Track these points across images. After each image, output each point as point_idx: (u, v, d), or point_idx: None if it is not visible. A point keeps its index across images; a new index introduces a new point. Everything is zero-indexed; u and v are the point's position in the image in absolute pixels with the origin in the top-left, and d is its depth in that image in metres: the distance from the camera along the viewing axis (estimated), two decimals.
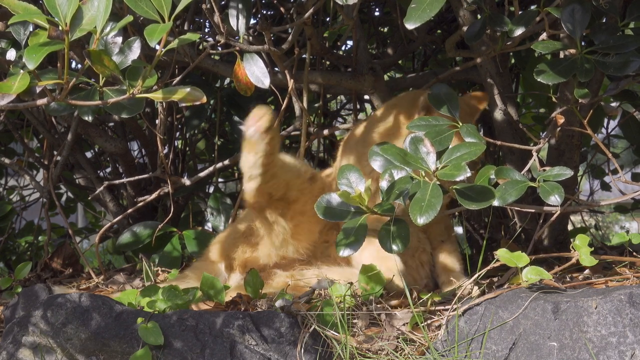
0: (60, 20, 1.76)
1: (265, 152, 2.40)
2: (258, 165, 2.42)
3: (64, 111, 2.55)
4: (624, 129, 3.40)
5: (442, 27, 3.65)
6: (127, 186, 3.57)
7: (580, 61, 2.34)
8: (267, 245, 2.54)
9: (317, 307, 2.18)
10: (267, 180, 2.45)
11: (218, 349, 2.07)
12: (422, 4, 2.21)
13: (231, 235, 2.64)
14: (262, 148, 2.39)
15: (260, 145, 2.39)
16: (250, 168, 2.43)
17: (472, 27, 2.50)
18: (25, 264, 2.97)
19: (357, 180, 2.24)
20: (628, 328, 1.94)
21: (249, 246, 2.55)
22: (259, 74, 2.60)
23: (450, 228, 2.74)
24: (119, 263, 4.16)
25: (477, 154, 2.15)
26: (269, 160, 2.42)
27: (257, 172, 2.43)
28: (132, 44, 2.09)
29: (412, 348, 2.14)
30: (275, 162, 2.45)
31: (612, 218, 7.91)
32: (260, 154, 2.40)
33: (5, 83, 1.79)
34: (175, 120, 3.50)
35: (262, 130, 2.37)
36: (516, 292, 2.11)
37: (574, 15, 2.33)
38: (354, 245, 2.18)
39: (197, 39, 1.98)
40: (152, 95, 1.91)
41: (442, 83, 2.69)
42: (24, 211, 4.22)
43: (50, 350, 2.13)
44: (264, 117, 2.37)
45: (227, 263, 2.62)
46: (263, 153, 2.40)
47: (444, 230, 2.67)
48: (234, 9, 2.65)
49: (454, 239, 2.73)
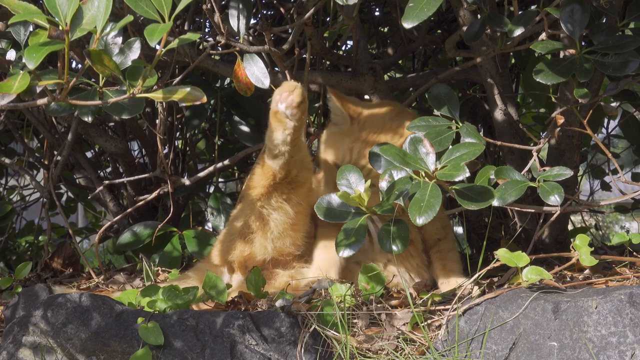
0: (60, 20, 1.76)
1: (295, 129, 2.34)
2: (288, 141, 2.36)
3: (64, 112, 2.54)
4: (624, 129, 3.40)
5: (442, 27, 3.65)
6: (127, 186, 3.57)
7: (580, 61, 2.34)
8: (262, 238, 2.52)
9: (317, 307, 2.18)
10: (292, 155, 2.40)
11: (218, 348, 2.07)
12: (419, 3, 2.21)
13: (228, 237, 2.62)
14: (293, 124, 2.33)
15: (292, 122, 2.33)
16: (279, 144, 2.37)
17: (471, 27, 2.50)
18: (26, 263, 2.97)
19: (357, 181, 2.24)
20: (628, 328, 1.94)
21: (247, 243, 2.54)
22: (259, 74, 2.60)
23: (447, 226, 2.70)
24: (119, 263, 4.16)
25: (476, 154, 2.15)
26: (297, 136, 2.37)
27: (285, 148, 2.38)
28: (132, 44, 2.09)
29: (412, 348, 2.14)
30: (301, 136, 2.41)
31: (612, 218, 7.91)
32: (290, 130, 2.34)
33: (6, 83, 1.79)
34: (175, 120, 3.50)
35: (294, 105, 2.30)
36: (516, 292, 2.11)
37: (574, 15, 2.33)
38: (354, 246, 2.18)
39: (198, 39, 1.98)
40: (153, 95, 1.91)
41: (442, 83, 2.69)
42: (24, 211, 4.23)
43: (50, 350, 2.13)
44: (295, 91, 2.31)
45: (228, 266, 2.62)
46: (293, 129, 2.34)
47: (440, 228, 2.63)
48: (234, 9, 2.65)
49: (451, 236, 2.70)
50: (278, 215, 2.49)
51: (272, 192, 2.46)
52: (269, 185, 2.45)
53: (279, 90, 2.34)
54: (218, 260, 2.66)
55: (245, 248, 2.54)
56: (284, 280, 2.53)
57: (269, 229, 2.49)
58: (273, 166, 2.42)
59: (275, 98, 2.33)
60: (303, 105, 2.33)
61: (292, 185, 2.47)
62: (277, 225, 2.50)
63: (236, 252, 2.56)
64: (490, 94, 2.85)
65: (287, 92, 2.31)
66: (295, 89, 2.32)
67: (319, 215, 2.26)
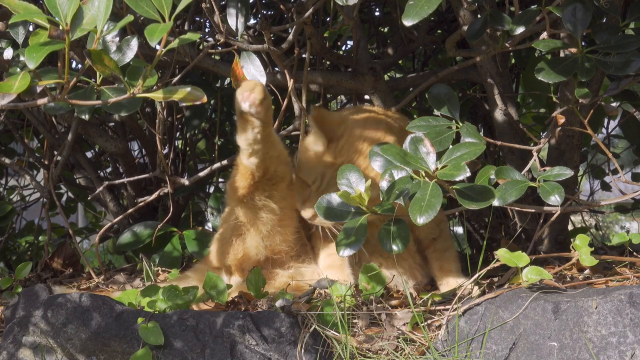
0: (60, 20, 1.76)
1: (263, 125, 2.36)
2: (259, 139, 2.38)
3: (62, 110, 2.54)
4: (624, 129, 3.40)
5: (442, 27, 3.65)
6: (127, 186, 3.57)
7: (581, 60, 2.34)
8: (254, 238, 2.52)
9: (317, 307, 2.18)
10: (267, 152, 2.42)
11: (218, 349, 2.07)
12: (419, 1, 2.21)
13: (221, 241, 2.63)
14: (260, 122, 2.35)
15: (258, 119, 2.34)
16: (252, 143, 2.39)
17: (472, 26, 2.50)
18: (26, 264, 2.97)
19: (357, 180, 2.24)
20: (628, 328, 1.94)
21: (239, 245, 2.55)
22: (256, 73, 2.60)
23: (442, 224, 2.68)
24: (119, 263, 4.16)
25: (477, 153, 2.14)
26: (267, 132, 2.39)
27: (258, 146, 2.40)
28: (129, 41, 2.09)
29: (412, 348, 2.13)
30: (271, 132, 2.42)
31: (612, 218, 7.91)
32: (258, 128, 2.36)
33: (6, 83, 1.79)
34: (175, 120, 3.50)
35: (257, 103, 2.32)
36: (516, 292, 2.11)
37: (575, 14, 2.33)
38: (354, 245, 2.18)
39: (198, 38, 1.98)
40: (153, 94, 1.91)
41: (441, 83, 2.69)
42: (24, 211, 4.23)
43: (50, 350, 2.13)
44: (256, 89, 2.32)
45: (225, 269, 2.62)
46: (261, 126, 2.36)
47: (434, 227, 2.62)
48: (232, 7, 2.65)
49: (446, 234, 2.69)
50: (264, 213, 2.50)
51: (254, 191, 2.47)
52: (249, 185, 2.47)
53: (240, 91, 2.35)
54: (216, 263, 2.66)
55: (238, 250, 2.55)
56: (283, 280, 2.53)
57: (257, 229, 2.50)
58: (250, 166, 2.44)
59: (237, 99, 2.35)
60: (266, 101, 2.34)
61: (272, 181, 2.48)
62: (265, 224, 2.51)
63: (230, 255, 2.56)
64: (490, 94, 2.85)
65: (248, 91, 2.32)
66: (256, 86, 2.33)
67: (320, 215, 2.26)
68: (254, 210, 2.49)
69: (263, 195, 2.48)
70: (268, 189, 2.48)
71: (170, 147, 3.48)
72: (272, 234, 2.52)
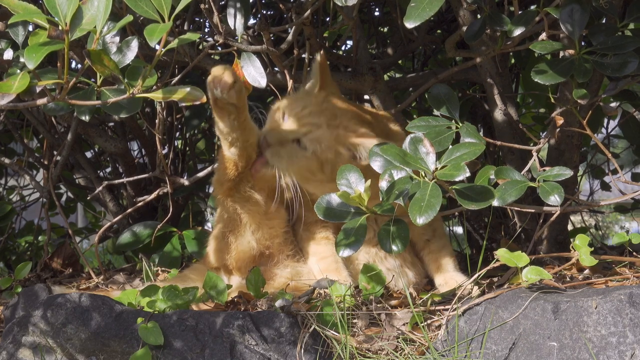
0: (60, 20, 1.76)
1: (239, 110, 2.34)
2: (236, 126, 2.36)
3: (62, 110, 2.54)
4: (623, 129, 3.40)
5: (442, 27, 3.65)
6: (127, 186, 3.57)
7: (579, 61, 2.34)
8: (244, 232, 2.52)
9: (317, 307, 2.18)
10: (247, 139, 2.40)
11: (218, 349, 2.07)
12: (421, 3, 2.21)
13: (217, 239, 2.63)
14: (233, 106, 2.33)
15: (232, 103, 2.32)
16: (230, 131, 2.37)
17: (471, 26, 2.50)
18: (25, 264, 2.97)
19: (357, 180, 2.24)
20: (628, 328, 1.94)
21: (232, 241, 2.55)
22: (256, 74, 2.60)
23: (436, 224, 2.66)
24: (118, 263, 4.16)
25: (476, 154, 2.15)
26: (244, 117, 2.37)
27: (237, 134, 2.38)
28: (130, 42, 2.09)
29: (412, 348, 2.14)
30: (247, 118, 2.40)
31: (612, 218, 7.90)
32: (234, 113, 2.34)
33: (6, 83, 1.79)
34: (175, 120, 3.50)
35: (229, 86, 2.30)
36: (516, 292, 2.11)
37: (573, 15, 2.33)
38: (354, 245, 2.18)
39: (197, 38, 1.98)
40: (152, 95, 1.91)
41: (441, 83, 2.69)
42: (24, 211, 4.23)
43: (50, 350, 2.13)
44: (225, 73, 2.30)
45: (224, 269, 2.62)
46: (237, 112, 2.34)
47: (427, 228, 2.59)
48: (232, 8, 2.65)
49: (440, 233, 2.68)
50: (250, 205, 2.49)
51: (239, 183, 2.47)
52: (234, 177, 2.46)
53: (210, 78, 2.33)
54: (214, 262, 2.66)
55: (232, 246, 2.55)
56: (282, 280, 2.53)
57: (245, 222, 2.51)
58: (232, 157, 2.43)
59: (209, 87, 2.32)
60: (237, 84, 2.32)
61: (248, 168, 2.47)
62: (252, 216, 2.50)
63: (226, 254, 2.57)
64: (490, 94, 2.85)
65: (218, 77, 2.31)
66: (225, 70, 2.31)
67: (319, 214, 2.26)
68: (241, 203, 2.49)
69: (247, 186, 2.48)
70: (251, 179, 2.48)
71: (170, 147, 3.48)
72: (261, 226, 2.52)
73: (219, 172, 2.52)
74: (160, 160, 3.01)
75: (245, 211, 2.50)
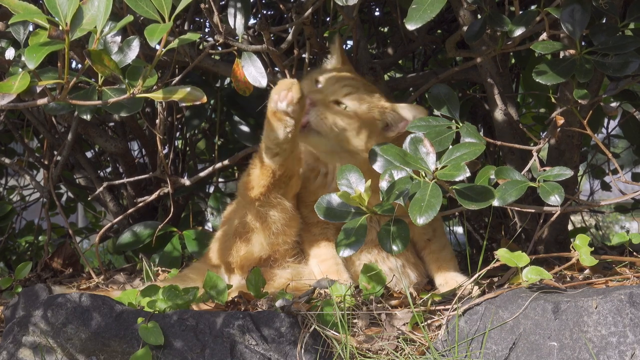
0: (60, 20, 1.76)
1: (296, 125, 2.35)
2: (289, 139, 2.37)
3: (63, 110, 2.54)
4: (624, 128, 3.40)
5: (442, 27, 3.65)
6: (127, 186, 3.57)
7: (580, 62, 2.34)
8: (260, 236, 2.51)
9: (317, 307, 2.18)
10: (292, 151, 2.42)
11: (218, 348, 2.07)
12: (422, 5, 2.21)
13: (224, 238, 2.62)
14: (293, 121, 2.33)
15: (292, 118, 2.33)
16: (281, 142, 2.38)
17: (472, 27, 2.50)
18: (26, 264, 2.97)
19: (357, 180, 2.24)
20: (628, 328, 1.94)
21: (243, 242, 2.54)
22: (257, 74, 2.60)
23: (436, 224, 2.67)
24: (119, 263, 4.16)
25: (476, 154, 2.15)
26: (297, 131, 2.38)
27: (287, 145, 2.39)
28: (131, 42, 2.09)
29: (412, 348, 2.14)
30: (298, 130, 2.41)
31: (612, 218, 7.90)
32: (291, 127, 2.34)
33: (6, 83, 1.79)
34: (175, 120, 3.50)
35: (295, 102, 2.30)
36: (516, 292, 2.11)
37: (574, 15, 2.33)
38: (354, 246, 2.18)
39: (198, 38, 1.98)
40: (153, 95, 1.91)
41: (442, 83, 2.69)
42: (24, 211, 4.23)
43: (50, 350, 2.13)
44: (294, 88, 2.31)
45: (226, 266, 2.62)
46: (294, 126, 2.34)
47: (428, 228, 2.60)
48: (232, 7, 2.65)
49: (440, 233, 2.68)
50: (277, 212, 2.49)
51: (272, 189, 2.47)
52: (269, 184, 2.46)
53: (276, 90, 2.34)
54: (216, 260, 2.66)
55: (242, 247, 2.54)
56: (282, 280, 2.53)
57: (267, 227, 2.50)
58: (272, 165, 2.43)
59: (273, 98, 2.33)
60: (302, 100, 2.34)
61: (287, 178, 2.48)
62: (275, 222, 2.50)
63: (233, 252, 2.56)
64: (490, 94, 2.85)
65: (285, 90, 2.31)
66: (293, 85, 2.32)
67: (319, 215, 2.26)
68: (267, 208, 2.49)
69: (279, 192, 2.48)
70: (283, 187, 2.48)
71: (170, 147, 3.48)
72: (278, 233, 2.52)
73: (252, 177, 2.50)
74: (161, 160, 3.01)
75: (269, 216, 2.50)
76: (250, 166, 2.55)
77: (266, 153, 2.42)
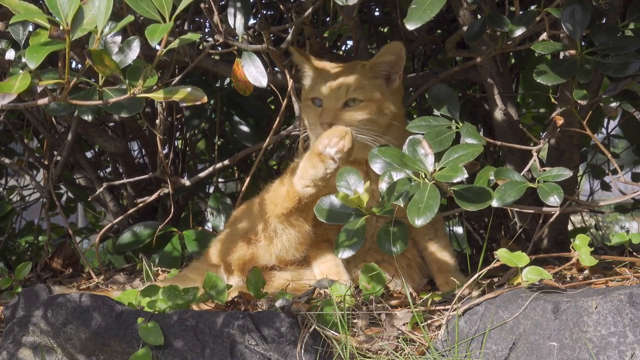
0: (61, 20, 1.76)
1: (337, 169, 2.36)
2: (326, 178, 2.37)
3: (64, 111, 2.54)
4: (624, 129, 3.40)
5: (442, 27, 3.65)
6: (127, 186, 3.57)
7: (581, 62, 2.34)
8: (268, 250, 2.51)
9: (317, 307, 2.19)
10: (326, 185, 2.42)
11: (218, 349, 2.07)
12: (422, 5, 2.21)
13: (230, 238, 2.62)
14: (336, 166, 2.34)
15: (336, 164, 2.34)
16: (317, 180, 2.38)
17: (472, 27, 2.50)
18: (25, 264, 2.97)
19: (356, 182, 2.24)
20: (628, 328, 1.94)
21: (250, 248, 2.54)
22: (257, 74, 2.61)
23: (438, 225, 2.68)
24: (119, 263, 4.16)
25: (474, 155, 2.15)
26: (335, 174, 2.38)
27: (322, 183, 2.39)
28: (131, 43, 2.09)
29: (412, 348, 2.14)
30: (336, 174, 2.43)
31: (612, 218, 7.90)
32: (331, 170, 2.35)
33: (6, 83, 1.80)
34: (175, 120, 3.50)
35: (346, 151, 2.31)
36: (516, 292, 2.11)
37: (574, 15, 2.33)
38: (354, 246, 2.18)
39: (198, 39, 1.98)
40: (153, 95, 1.91)
41: (442, 83, 2.69)
42: (24, 211, 4.23)
43: (50, 350, 2.13)
44: (347, 137, 2.31)
45: (226, 266, 2.62)
46: (335, 170, 2.35)
47: (429, 228, 2.61)
48: (232, 7, 2.65)
49: (442, 234, 2.69)
50: (294, 231, 2.49)
51: (294, 212, 2.47)
52: (292, 207, 2.45)
53: (328, 134, 2.33)
54: (216, 259, 2.65)
55: (247, 252, 2.54)
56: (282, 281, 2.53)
57: (280, 242, 2.50)
58: (303, 194, 2.42)
59: (323, 142, 2.32)
60: (352, 150, 2.33)
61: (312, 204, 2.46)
62: (289, 240, 2.50)
63: (236, 254, 2.55)
64: (490, 94, 2.85)
65: (337, 138, 2.31)
66: (347, 135, 2.32)
67: (320, 217, 2.26)
68: (285, 226, 2.49)
69: (301, 215, 2.47)
70: (306, 210, 2.47)
71: (170, 147, 3.48)
72: (290, 248, 2.52)
73: (278, 194, 2.50)
74: (161, 160, 3.01)
75: (285, 234, 2.50)
76: (279, 180, 2.54)
77: (298, 182, 2.41)
